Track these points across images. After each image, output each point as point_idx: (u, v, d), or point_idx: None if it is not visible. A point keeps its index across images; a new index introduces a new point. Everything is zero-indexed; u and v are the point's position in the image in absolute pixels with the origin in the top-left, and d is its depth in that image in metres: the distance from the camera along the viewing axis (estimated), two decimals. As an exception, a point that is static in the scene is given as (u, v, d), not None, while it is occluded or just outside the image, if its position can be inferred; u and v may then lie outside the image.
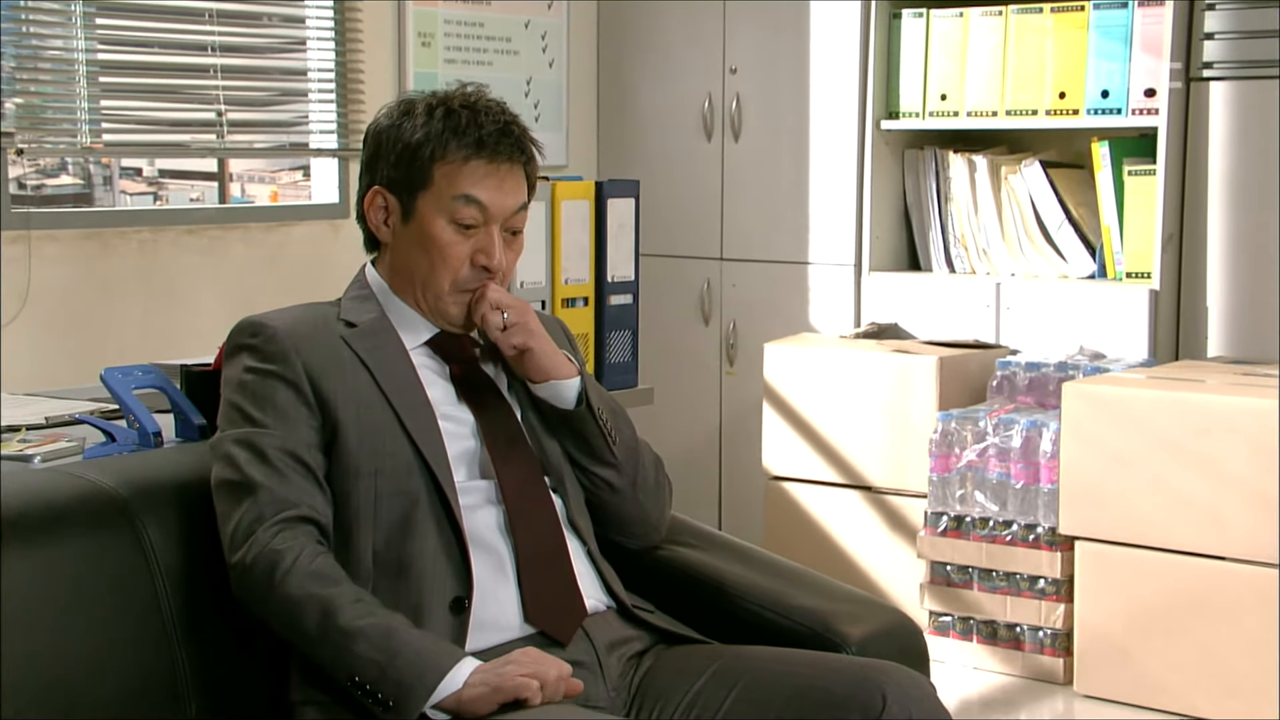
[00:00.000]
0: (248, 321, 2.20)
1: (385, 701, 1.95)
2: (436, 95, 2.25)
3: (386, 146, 2.22)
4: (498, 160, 2.19)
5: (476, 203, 2.18)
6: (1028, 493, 4.14)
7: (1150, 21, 4.45)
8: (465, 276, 2.20)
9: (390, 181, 2.21)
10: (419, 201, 2.19)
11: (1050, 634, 4.12)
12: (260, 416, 2.11)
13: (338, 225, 4.74)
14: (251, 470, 2.07)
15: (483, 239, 2.20)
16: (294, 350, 2.14)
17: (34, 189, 5.31)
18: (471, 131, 2.18)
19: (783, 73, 5.07)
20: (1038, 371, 4.36)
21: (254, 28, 4.62)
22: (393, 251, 2.24)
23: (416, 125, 2.19)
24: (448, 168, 2.17)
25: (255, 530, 2.03)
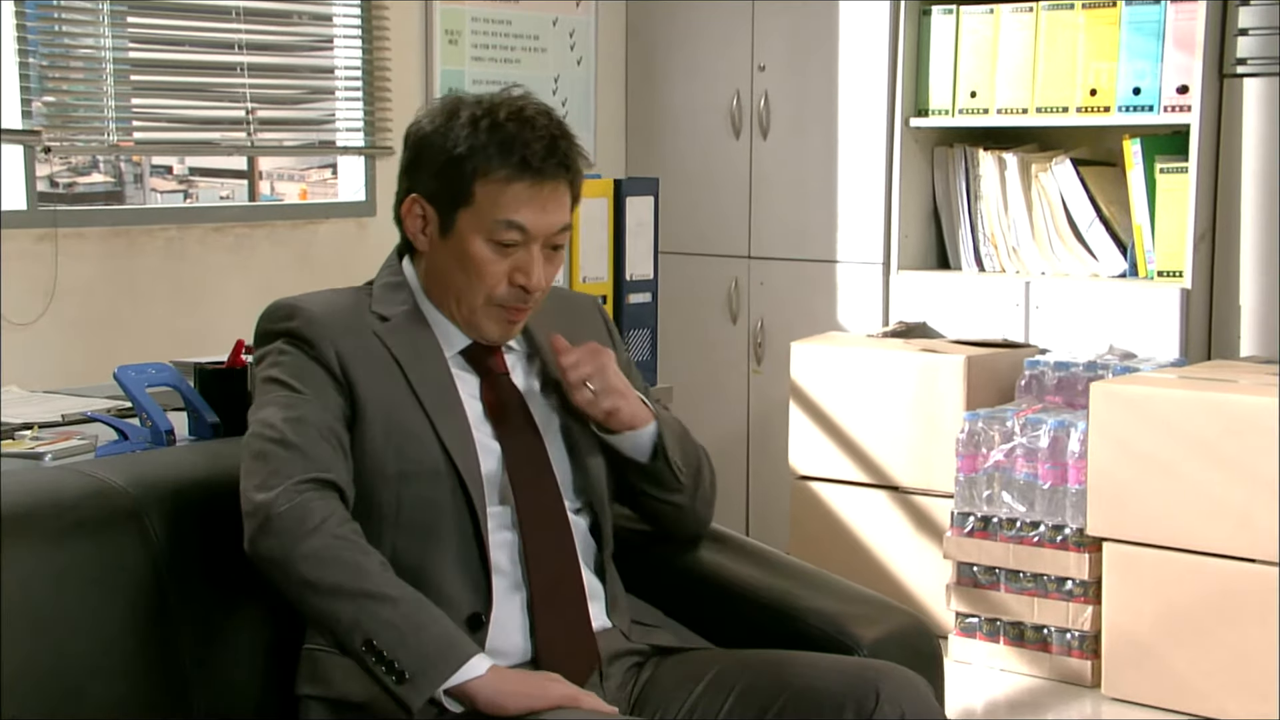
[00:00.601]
0: (284, 305, 2.15)
1: (400, 671, 1.90)
2: (482, 103, 2.14)
3: (428, 155, 2.14)
4: (543, 181, 2.11)
5: (518, 227, 2.11)
6: (1055, 493, 4.10)
7: (1183, 17, 4.41)
8: (502, 294, 2.14)
9: (430, 192, 2.14)
10: (458, 217, 2.12)
11: (1078, 636, 4.08)
12: (299, 386, 2.08)
13: (364, 223, 4.74)
14: (287, 430, 2.03)
15: (522, 258, 2.13)
16: (329, 339, 2.10)
17: (65, 187, 5.34)
18: (517, 150, 2.09)
19: (811, 70, 5.05)
20: (1066, 371, 4.32)
21: (282, 26, 4.63)
22: (429, 260, 2.18)
23: (460, 136, 2.10)
24: (490, 187, 2.10)
25: (286, 483, 1.99)
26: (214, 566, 2.13)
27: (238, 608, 2.14)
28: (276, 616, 2.17)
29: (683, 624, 2.31)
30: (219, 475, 2.22)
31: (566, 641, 2.12)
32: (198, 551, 2.13)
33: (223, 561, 2.12)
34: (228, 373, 2.47)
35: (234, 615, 2.14)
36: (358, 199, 4.79)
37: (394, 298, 2.18)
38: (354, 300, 2.18)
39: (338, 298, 2.19)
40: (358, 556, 1.96)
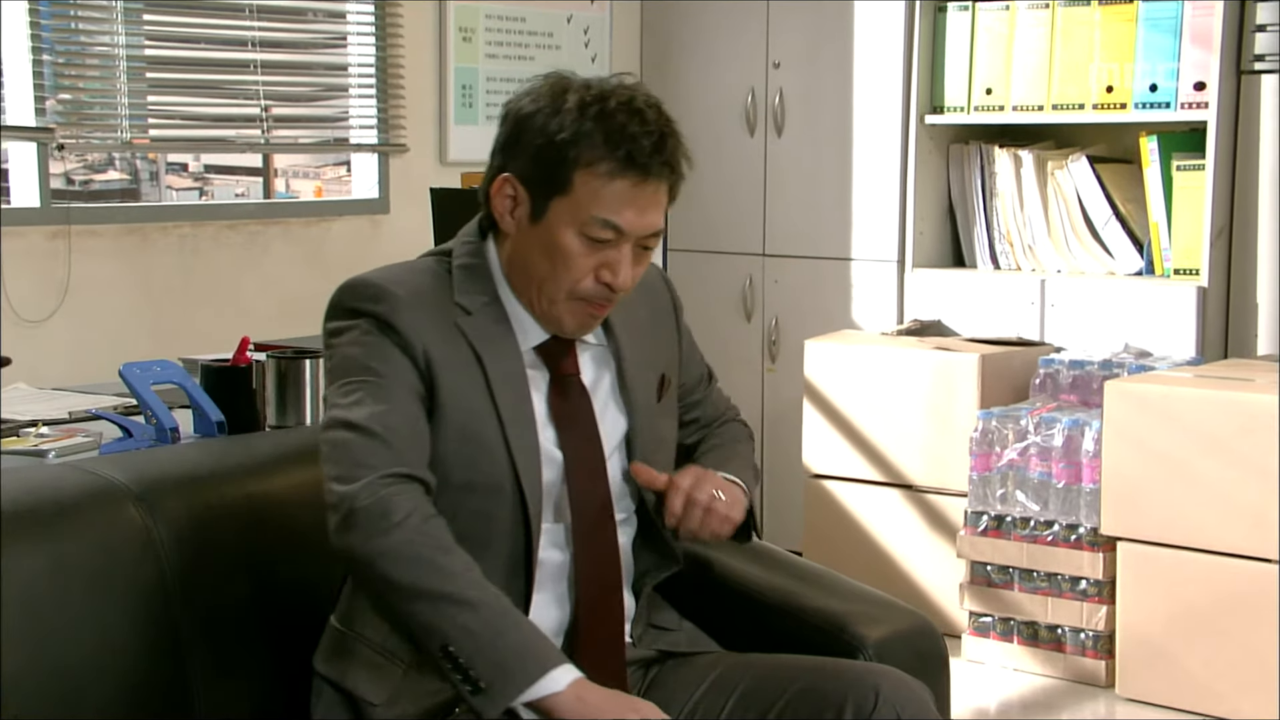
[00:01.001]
0: (371, 284, 2.04)
1: (476, 681, 1.85)
2: (591, 88, 2.02)
3: (528, 136, 2.01)
4: (646, 180, 2.00)
5: (614, 226, 2.00)
6: (1069, 492, 4.08)
7: (1200, 14, 4.38)
8: (586, 289, 2.03)
9: (524, 174, 2.02)
10: (552, 205, 2.01)
11: (1092, 636, 4.06)
12: (385, 374, 1.99)
13: (378, 220, 4.74)
14: (372, 420, 1.95)
15: (611, 255, 2.02)
16: (416, 332, 2.00)
17: (82, 184, 5.35)
18: (624, 144, 1.97)
19: (826, 67, 5.03)
20: (1081, 370, 4.30)
21: (295, 23, 4.63)
22: (513, 243, 2.07)
23: (565, 121, 1.98)
24: (591, 179, 1.98)
25: (370, 475, 1.92)
26: (217, 564, 2.13)
27: (241, 605, 2.13)
28: (281, 614, 2.16)
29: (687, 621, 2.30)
30: (222, 472, 2.23)
31: (599, 662, 2.06)
32: (201, 549, 2.12)
33: (226, 558, 2.12)
34: (233, 370, 2.47)
35: (237, 613, 2.14)
36: (371, 196, 4.79)
37: (475, 285, 2.08)
38: (435, 284, 2.07)
39: (419, 280, 2.07)
40: (440, 557, 1.90)
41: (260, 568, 2.18)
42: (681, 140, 2.05)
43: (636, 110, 2.01)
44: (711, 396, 2.38)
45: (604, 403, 2.15)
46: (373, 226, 4.72)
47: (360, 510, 1.91)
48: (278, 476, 2.30)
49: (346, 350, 2.02)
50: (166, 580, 2.07)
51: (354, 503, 1.91)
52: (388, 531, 1.89)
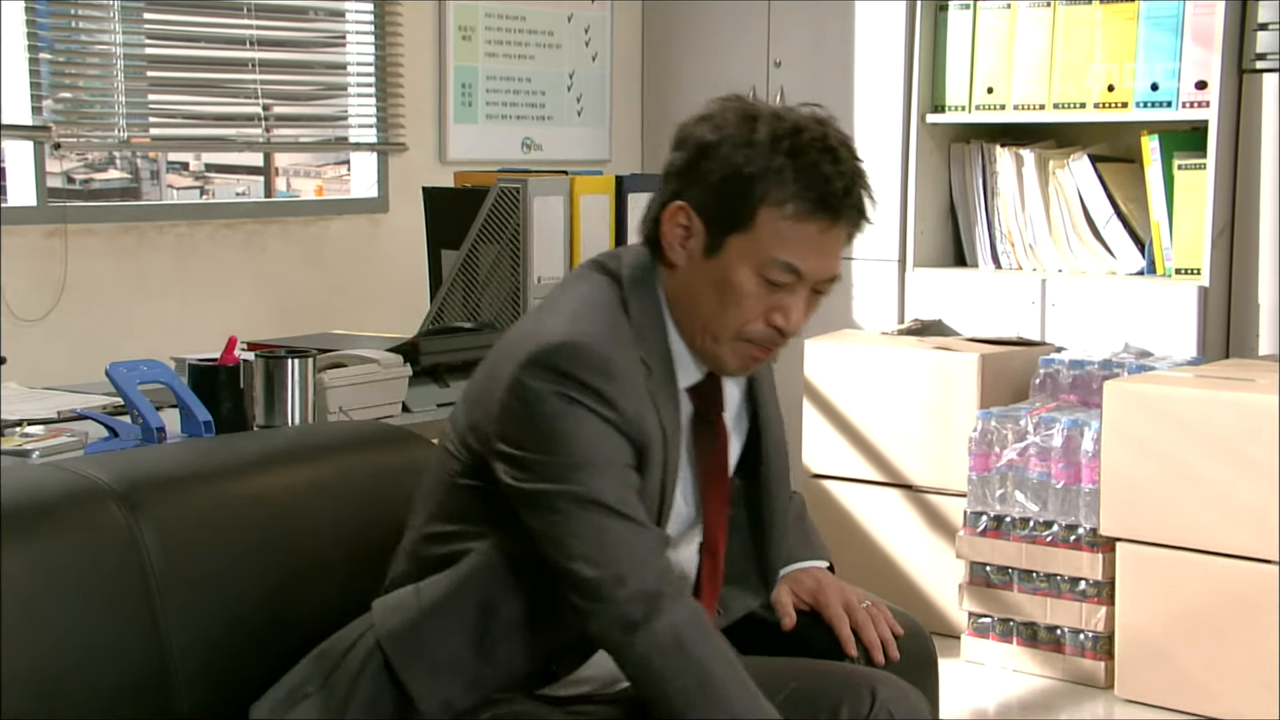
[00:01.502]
0: (595, 353, 1.89)
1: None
2: (782, 119, 1.91)
3: (709, 164, 1.91)
4: (834, 226, 1.90)
5: (795, 270, 1.90)
6: (1069, 493, 4.06)
7: (1202, 12, 4.37)
8: (754, 331, 1.93)
9: (702, 205, 1.91)
10: (730, 241, 1.90)
11: (1091, 637, 4.04)
12: (619, 449, 1.89)
13: (377, 219, 4.73)
14: (625, 505, 1.87)
15: (785, 299, 1.92)
16: (635, 415, 1.90)
17: (82, 183, 5.35)
18: (819, 186, 1.87)
19: (827, 65, 5.02)
20: (1082, 369, 4.28)
21: (294, 22, 4.63)
22: (682, 275, 1.95)
23: (754, 154, 1.88)
24: (777, 220, 1.88)
25: (643, 578, 1.86)
26: (201, 563, 2.12)
27: (225, 603, 2.12)
28: (265, 614, 2.15)
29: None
30: (206, 472, 2.22)
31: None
32: (184, 548, 2.11)
33: (210, 558, 2.11)
34: (220, 370, 2.46)
35: (221, 610, 2.12)
36: (370, 195, 4.79)
37: (649, 327, 1.96)
38: (623, 336, 1.94)
39: (616, 334, 1.93)
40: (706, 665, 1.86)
41: (244, 567, 2.17)
42: (869, 182, 1.95)
43: (830, 148, 1.90)
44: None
45: (731, 425, 2.09)
46: (372, 225, 4.72)
47: (648, 633, 1.84)
48: (263, 476, 2.29)
49: (573, 425, 1.88)
50: (150, 580, 2.06)
51: (636, 614, 1.84)
52: (669, 653, 1.84)
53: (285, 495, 2.30)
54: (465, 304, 3.16)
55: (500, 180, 3.07)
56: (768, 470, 2.14)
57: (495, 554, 1.97)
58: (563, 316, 1.95)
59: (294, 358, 2.60)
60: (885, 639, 2.20)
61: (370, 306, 4.56)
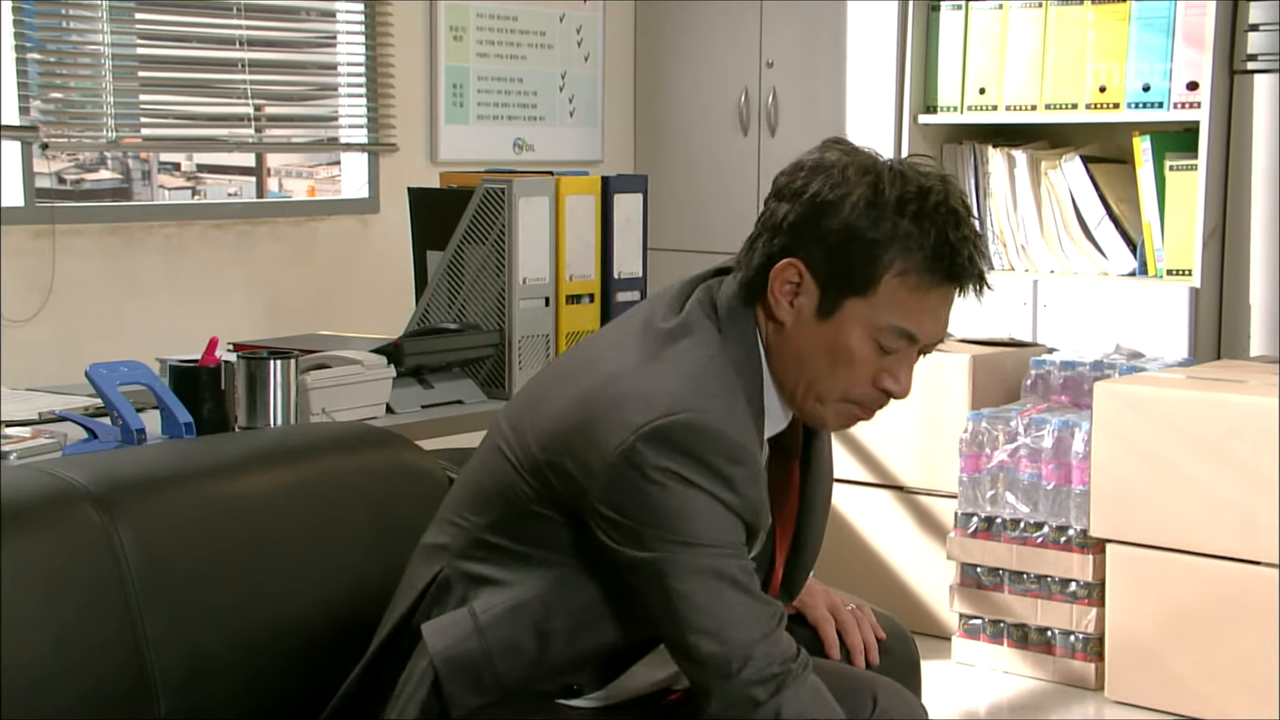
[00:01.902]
0: (734, 444, 1.83)
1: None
2: (907, 179, 1.84)
3: (828, 224, 1.82)
4: (956, 290, 1.85)
5: (911, 337, 1.84)
6: (1059, 494, 4.05)
7: (1193, 13, 4.36)
8: (861, 394, 1.89)
9: (817, 265, 1.83)
10: (847, 305, 1.83)
11: (1081, 638, 4.04)
12: (739, 540, 1.85)
13: (367, 220, 4.73)
14: (744, 573, 1.83)
15: (896, 363, 1.86)
16: (759, 502, 1.86)
17: (73, 183, 5.34)
18: (946, 256, 1.81)
19: (820, 66, 5.01)
20: (1073, 370, 4.27)
21: (284, 22, 4.62)
22: (789, 334, 1.88)
23: (879, 216, 1.80)
24: (901, 289, 1.81)
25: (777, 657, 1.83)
26: (179, 565, 2.10)
27: (204, 606, 2.10)
28: (243, 616, 2.14)
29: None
30: (184, 473, 2.21)
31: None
32: (162, 550, 2.09)
33: (188, 560, 2.10)
34: (201, 371, 2.45)
35: (200, 614, 2.11)
36: (361, 196, 4.78)
37: (754, 387, 1.89)
38: (742, 408, 1.87)
39: (736, 406, 1.86)
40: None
41: (223, 569, 2.16)
42: (984, 247, 1.91)
43: (953, 211, 1.83)
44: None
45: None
46: (362, 226, 4.71)
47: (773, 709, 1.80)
48: (243, 478, 2.27)
49: (693, 506, 1.81)
50: (127, 583, 2.05)
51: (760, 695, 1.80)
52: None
53: (266, 497, 2.28)
54: (450, 305, 3.15)
55: (485, 181, 3.06)
56: (813, 490, 2.09)
57: (558, 579, 1.93)
58: (681, 380, 1.84)
59: (276, 358, 2.59)
60: (869, 643, 2.18)
61: (360, 307, 4.55)
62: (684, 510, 1.80)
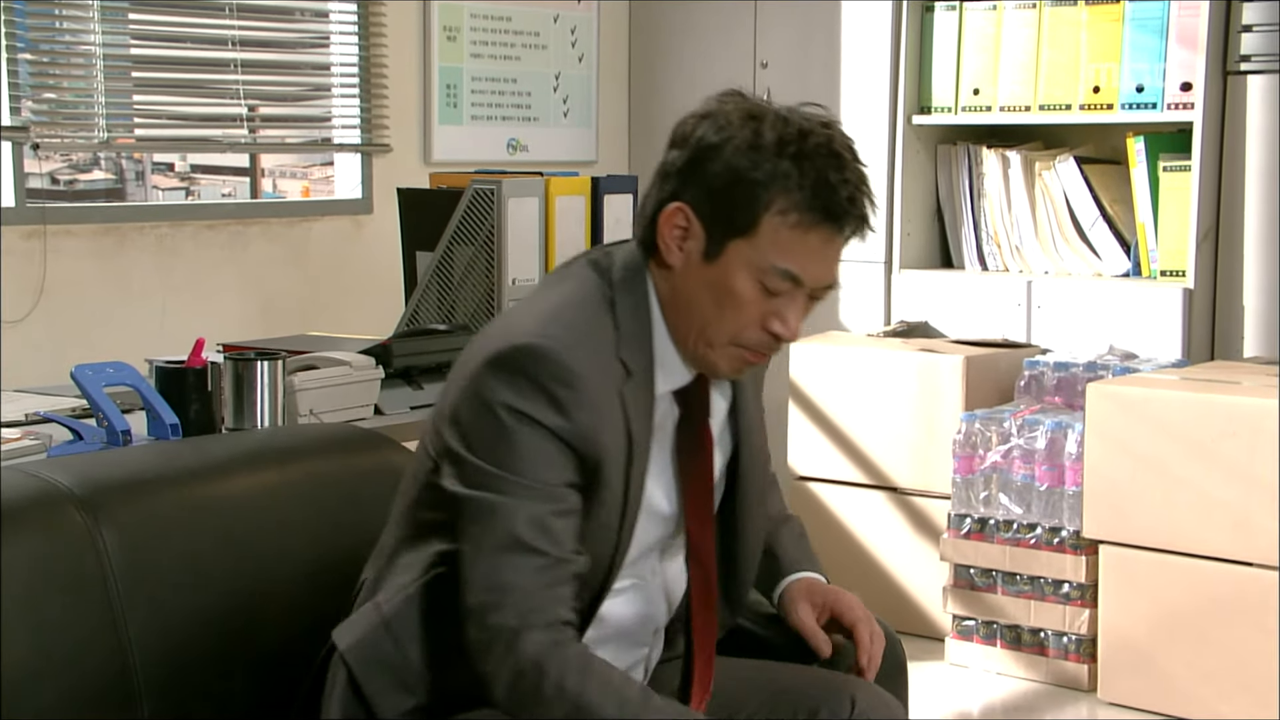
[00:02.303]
0: (558, 362, 1.85)
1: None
2: (788, 121, 1.85)
3: (711, 167, 1.85)
4: (838, 235, 1.86)
5: (795, 279, 1.86)
6: (1052, 495, 4.05)
7: (1186, 14, 4.35)
8: (750, 337, 1.89)
9: (702, 207, 1.86)
10: (730, 246, 1.86)
11: (1074, 639, 4.03)
12: (555, 468, 1.85)
13: (360, 221, 4.72)
14: (539, 537, 1.83)
15: (783, 305, 1.88)
16: (595, 428, 1.85)
17: (66, 184, 5.34)
18: (825, 194, 1.82)
19: (814, 67, 5.01)
20: (1066, 372, 4.27)
21: (277, 22, 4.61)
22: (678, 278, 1.90)
23: (759, 158, 1.82)
24: (780, 225, 1.83)
25: (539, 623, 1.82)
26: (163, 567, 2.10)
27: (188, 609, 2.10)
28: (227, 618, 2.14)
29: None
30: (169, 475, 2.20)
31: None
32: (146, 552, 2.09)
33: (172, 562, 2.09)
34: (187, 372, 2.45)
35: (184, 616, 2.10)
36: (354, 196, 4.77)
37: (636, 329, 1.91)
38: (603, 336, 1.89)
39: (591, 334, 1.89)
40: (582, 699, 1.80)
41: (207, 571, 2.15)
42: (871, 187, 1.89)
43: (836, 154, 1.85)
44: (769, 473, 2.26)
45: (717, 434, 2.04)
46: (355, 227, 4.70)
47: (507, 657, 1.81)
48: (228, 480, 2.27)
49: (518, 436, 1.84)
50: (110, 585, 2.04)
51: (522, 658, 1.81)
52: (521, 682, 1.81)
53: (252, 499, 2.27)
54: (440, 306, 3.15)
55: (475, 182, 3.05)
56: (744, 485, 2.08)
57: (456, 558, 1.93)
58: (538, 316, 1.90)
59: (263, 359, 2.59)
60: (875, 662, 2.13)
61: (354, 308, 4.55)
62: (509, 441, 1.84)
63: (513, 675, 1.81)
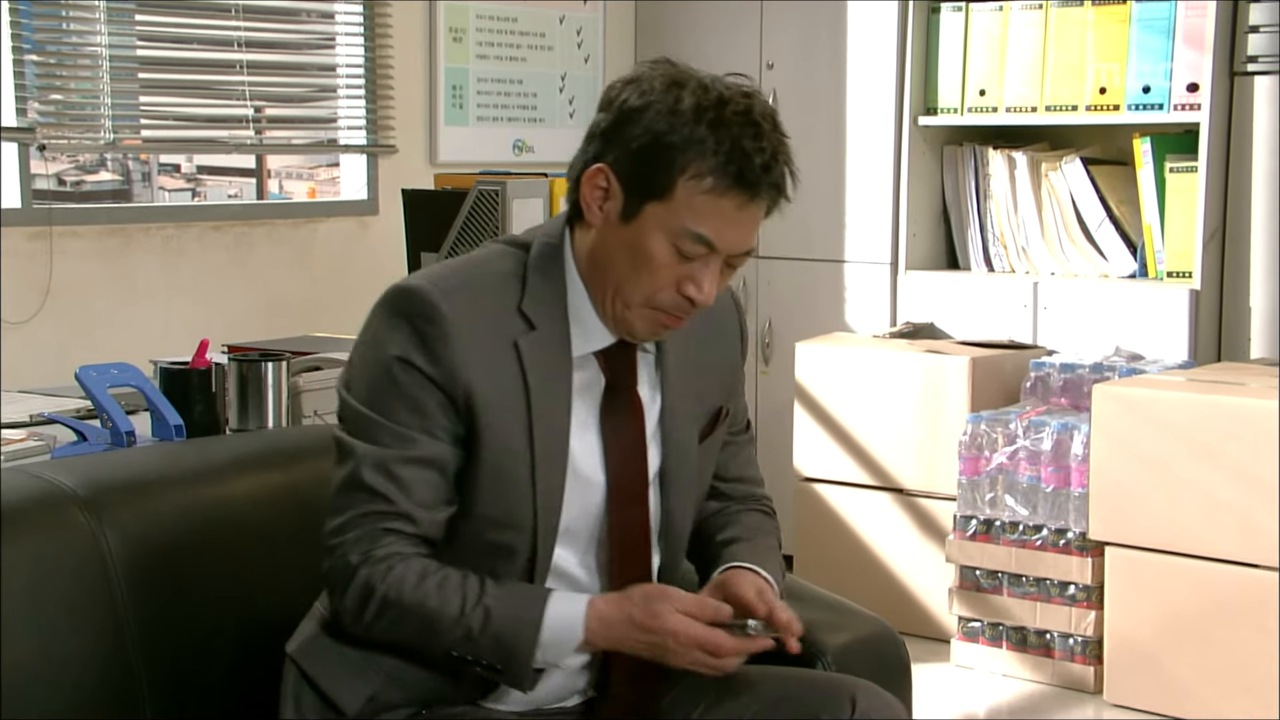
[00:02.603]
0: (427, 301, 1.90)
1: (493, 666, 1.89)
2: (708, 89, 1.88)
3: (632, 129, 1.88)
4: (751, 202, 1.88)
5: (708, 244, 1.89)
6: (1058, 497, 4.04)
7: (1193, 15, 4.35)
8: (664, 300, 1.92)
9: (622, 169, 1.89)
10: (646, 208, 1.88)
11: (1080, 641, 4.03)
12: (419, 409, 1.89)
13: (366, 222, 4.72)
14: (377, 472, 1.89)
15: (698, 269, 1.90)
16: (463, 366, 1.88)
17: (73, 185, 5.34)
18: (737, 160, 1.85)
19: (820, 68, 5.00)
20: (1072, 373, 4.26)
21: (283, 24, 4.61)
22: (597, 237, 1.93)
23: (677, 122, 1.85)
24: (694, 190, 1.86)
25: (364, 528, 1.89)
26: (166, 568, 2.10)
27: (191, 610, 2.10)
28: (230, 620, 2.14)
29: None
30: (173, 476, 2.21)
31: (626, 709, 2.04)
32: (149, 554, 2.09)
33: (175, 563, 2.09)
34: (191, 373, 2.45)
35: (187, 617, 2.11)
36: (360, 197, 4.77)
37: (547, 287, 1.96)
38: (501, 289, 1.94)
39: (484, 285, 1.94)
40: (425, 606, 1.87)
41: (210, 573, 2.16)
42: (792, 158, 1.92)
43: (753, 122, 1.87)
44: (742, 450, 2.25)
45: (650, 429, 2.05)
46: (361, 228, 4.70)
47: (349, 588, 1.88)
48: (232, 481, 2.27)
49: (385, 370, 1.90)
50: (113, 586, 2.04)
51: (327, 565, 1.89)
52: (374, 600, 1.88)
53: (254, 500, 2.28)
54: (445, 307, 3.15)
55: (479, 182, 3.05)
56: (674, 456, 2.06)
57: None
58: (436, 268, 1.99)
59: (267, 360, 2.59)
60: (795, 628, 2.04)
61: (359, 309, 4.47)
62: (373, 378, 1.91)
63: (357, 604, 1.91)
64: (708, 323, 2.08)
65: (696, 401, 2.10)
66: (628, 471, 2.02)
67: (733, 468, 2.22)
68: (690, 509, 2.11)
